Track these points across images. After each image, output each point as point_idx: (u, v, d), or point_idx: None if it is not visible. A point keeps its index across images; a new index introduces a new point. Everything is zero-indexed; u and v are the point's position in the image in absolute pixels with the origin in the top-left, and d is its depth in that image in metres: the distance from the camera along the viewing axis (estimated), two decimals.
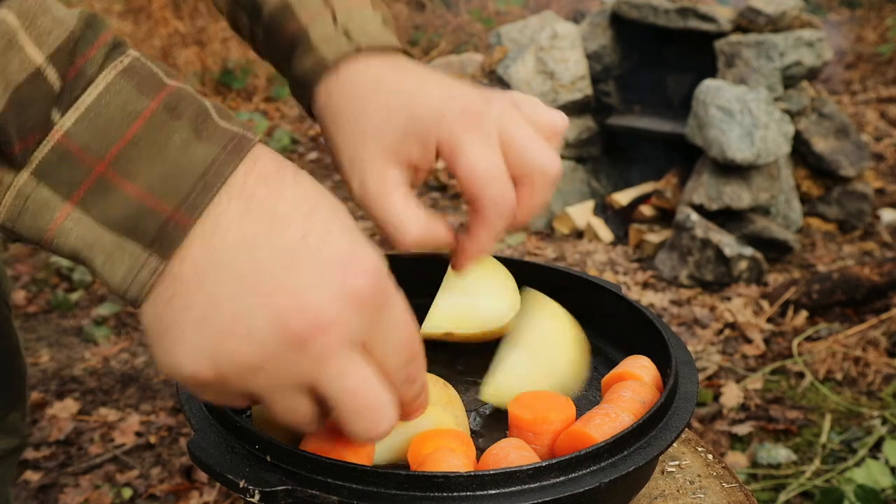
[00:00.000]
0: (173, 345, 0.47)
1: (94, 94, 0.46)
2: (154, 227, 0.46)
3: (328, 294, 0.46)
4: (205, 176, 0.46)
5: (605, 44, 4.00)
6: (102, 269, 0.47)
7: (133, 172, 0.46)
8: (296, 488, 0.54)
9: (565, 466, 0.56)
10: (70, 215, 0.46)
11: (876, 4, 7.57)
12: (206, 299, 0.46)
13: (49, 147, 0.45)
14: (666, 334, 0.73)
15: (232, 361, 0.46)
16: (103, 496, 2.24)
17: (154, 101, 0.47)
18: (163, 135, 0.46)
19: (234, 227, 0.47)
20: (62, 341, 3.04)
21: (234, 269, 0.46)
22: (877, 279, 3.08)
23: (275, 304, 0.46)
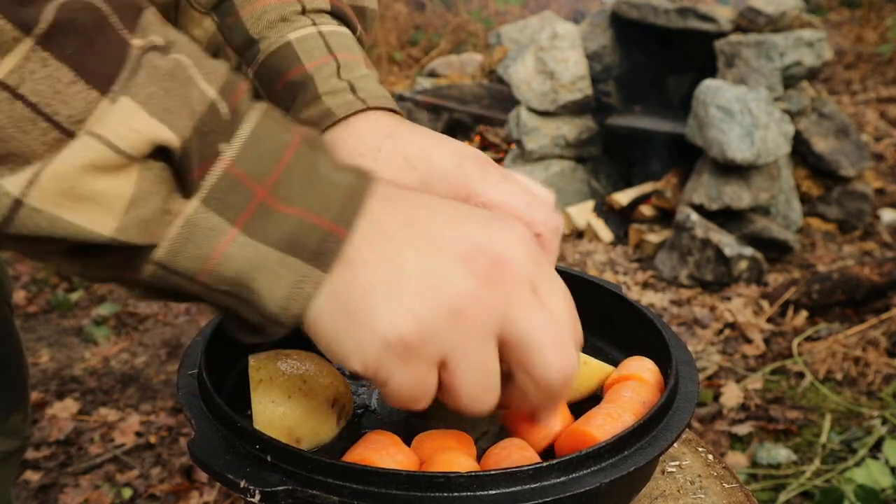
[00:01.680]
0: (371, 319, 0.49)
1: (250, 127, 0.49)
2: (315, 242, 0.49)
3: (500, 236, 0.52)
4: (351, 195, 0.50)
5: (605, 44, 4.00)
6: (264, 289, 0.49)
7: (290, 197, 0.49)
8: (296, 488, 0.54)
9: (566, 466, 0.56)
10: (236, 239, 0.48)
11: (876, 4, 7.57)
12: (388, 273, 0.50)
13: (217, 174, 0.47)
14: (666, 334, 0.73)
15: (434, 311, 0.49)
16: (103, 496, 2.24)
17: (295, 135, 0.50)
18: (309, 163, 0.50)
19: (391, 219, 0.51)
20: (62, 341, 3.04)
21: (406, 242, 0.50)
22: (877, 279, 3.08)
23: (458, 252, 0.51)
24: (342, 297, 0.50)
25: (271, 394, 0.63)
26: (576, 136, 3.99)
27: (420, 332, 0.50)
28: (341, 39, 0.77)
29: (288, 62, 0.75)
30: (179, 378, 0.66)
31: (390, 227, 0.51)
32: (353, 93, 0.73)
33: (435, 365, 0.51)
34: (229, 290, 0.49)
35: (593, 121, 4.03)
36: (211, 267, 0.48)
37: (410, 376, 0.51)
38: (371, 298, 0.49)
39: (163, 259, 0.48)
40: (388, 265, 0.50)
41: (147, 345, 3.01)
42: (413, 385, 0.51)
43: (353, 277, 0.49)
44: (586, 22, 4.11)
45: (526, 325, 0.52)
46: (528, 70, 3.96)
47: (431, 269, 0.50)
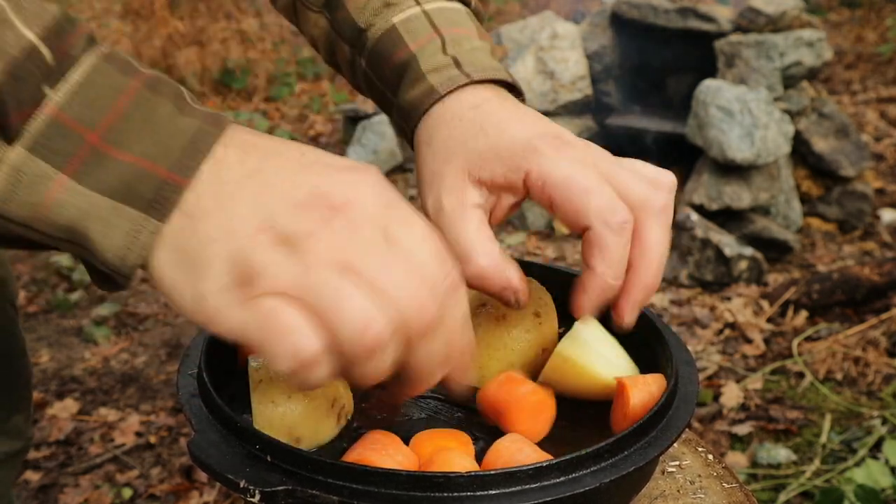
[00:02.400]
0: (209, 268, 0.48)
1: (81, 72, 0.47)
2: (150, 190, 0.47)
3: (343, 180, 0.49)
4: (193, 142, 0.49)
5: (605, 44, 4.00)
6: (99, 239, 0.47)
7: (125, 142, 0.47)
8: (296, 488, 0.54)
9: (566, 466, 0.56)
10: (65, 185, 0.47)
11: (876, 4, 7.57)
12: (225, 221, 0.48)
13: (42, 119, 0.46)
14: (666, 334, 0.73)
15: (268, 249, 0.47)
16: (103, 496, 2.24)
17: (136, 80, 0.49)
18: (149, 109, 0.48)
19: (237, 167, 0.49)
20: (62, 341, 3.04)
21: (245, 191, 0.48)
22: (877, 279, 3.08)
23: (294, 197, 0.48)
24: (184, 248, 0.48)
25: (271, 394, 0.63)
26: None
27: (253, 266, 0.47)
28: (449, 15, 0.74)
29: (393, 45, 0.73)
30: (179, 378, 0.66)
31: (233, 175, 0.49)
32: (457, 67, 0.70)
33: (280, 299, 0.47)
34: (68, 238, 0.48)
35: (593, 121, 4.03)
36: (42, 214, 0.47)
37: (251, 313, 0.47)
38: (210, 248, 0.48)
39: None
40: (226, 213, 0.48)
41: (147, 345, 3.01)
42: (257, 322, 0.47)
43: (194, 228, 0.48)
44: (586, 22, 4.11)
45: (372, 259, 0.48)
46: (528, 70, 3.96)
47: (266, 215, 0.48)
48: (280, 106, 5.83)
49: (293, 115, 5.65)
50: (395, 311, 0.47)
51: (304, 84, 6.26)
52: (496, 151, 0.64)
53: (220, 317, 0.48)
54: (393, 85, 0.74)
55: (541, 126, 0.66)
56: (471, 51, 0.71)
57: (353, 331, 0.46)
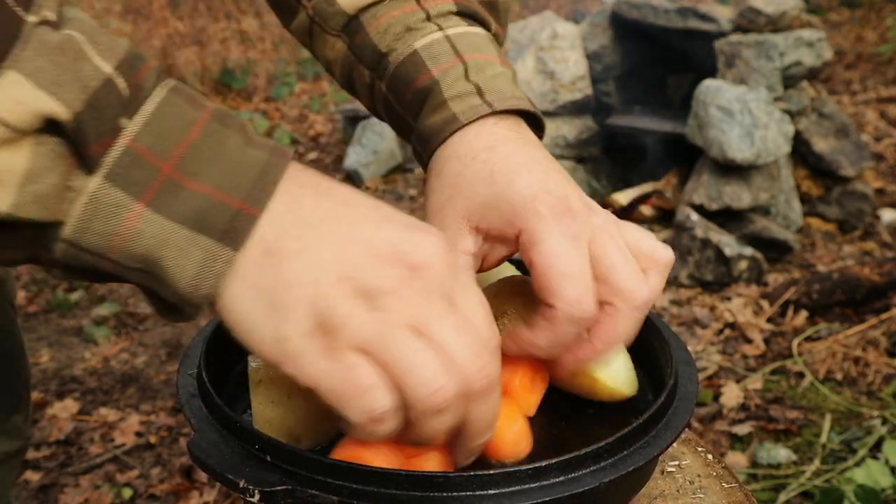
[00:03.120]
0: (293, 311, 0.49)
1: (154, 104, 0.49)
2: (224, 220, 0.48)
3: (419, 242, 0.52)
4: (263, 173, 0.50)
5: (605, 44, 4.00)
6: (173, 267, 0.48)
7: (198, 173, 0.49)
8: (296, 488, 0.54)
9: (565, 466, 0.56)
10: (142, 214, 0.48)
11: (876, 4, 7.57)
12: (310, 266, 0.49)
13: (119, 150, 0.47)
14: (666, 334, 0.73)
15: (350, 299, 0.49)
16: (103, 496, 2.24)
17: (205, 112, 0.50)
18: (218, 140, 0.50)
19: (311, 208, 0.51)
20: (62, 341, 3.04)
21: (328, 236, 0.50)
22: (877, 279, 3.08)
23: (378, 251, 0.51)
24: (265, 287, 0.49)
25: (271, 394, 0.63)
26: (576, 136, 3.99)
27: (336, 317, 0.49)
28: (471, 40, 0.74)
29: (415, 70, 0.72)
30: (179, 378, 0.67)
31: (313, 218, 0.51)
32: (479, 96, 0.69)
33: (360, 352, 0.49)
34: (141, 268, 0.49)
35: (593, 121, 4.03)
36: (119, 244, 0.48)
37: (332, 364, 0.49)
38: (294, 291, 0.49)
39: (71, 236, 0.48)
40: (310, 257, 0.50)
41: (147, 345, 3.01)
42: (337, 375, 0.49)
43: (277, 268, 0.49)
44: (586, 22, 4.11)
45: (444, 325, 0.51)
46: (528, 70, 3.96)
47: (351, 264, 0.50)
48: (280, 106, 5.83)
49: (293, 115, 5.65)
50: (461, 375, 0.51)
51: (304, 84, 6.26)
52: (498, 202, 0.64)
53: (300, 361, 0.50)
54: (414, 110, 0.73)
55: (550, 183, 0.64)
56: (493, 77, 0.71)
57: (424, 393, 0.50)
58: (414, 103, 0.73)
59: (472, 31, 0.75)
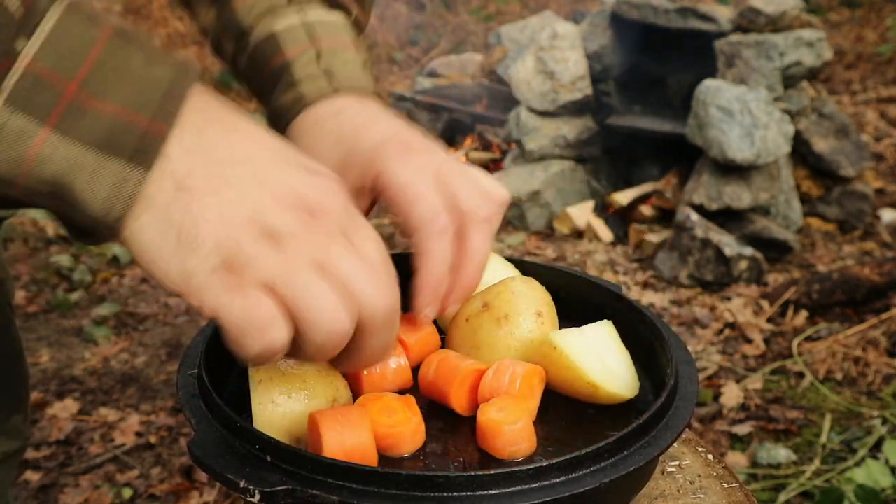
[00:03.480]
0: (199, 247, 0.50)
1: (52, 23, 0.47)
2: (133, 140, 0.48)
3: (317, 185, 0.53)
4: (170, 90, 0.50)
5: (605, 44, 4.00)
6: (85, 191, 0.47)
7: (103, 92, 0.47)
8: (296, 488, 0.54)
9: (565, 466, 0.56)
10: (48, 139, 0.46)
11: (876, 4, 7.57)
12: (219, 204, 0.50)
13: (19, 73, 0.46)
14: (666, 334, 0.73)
15: (257, 239, 0.50)
16: (103, 496, 2.24)
17: (105, 30, 0.49)
18: (122, 57, 0.49)
19: (222, 147, 0.52)
20: (62, 341, 3.04)
21: (237, 175, 0.51)
22: (877, 279, 3.08)
23: (280, 192, 0.52)
24: (174, 221, 0.49)
25: (271, 394, 0.63)
26: (576, 136, 3.99)
27: (242, 255, 0.50)
28: (328, 27, 0.80)
29: (272, 51, 0.78)
30: (179, 378, 0.67)
31: (221, 155, 0.51)
32: (327, 79, 0.76)
33: (263, 289, 0.50)
34: (51, 192, 0.48)
35: (593, 121, 4.03)
36: (27, 169, 0.47)
37: (239, 300, 0.50)
38: (203, 228, 0.50)
39: None
40: (220, 197, 0.50)
41: (147, 345, 3.01)
42: (240, 310, 0.50)
43: (187, 204, 0.49)
44: (586, 22, 4.11)
45: (343, 263, 0.52)
46: (528, 70, 3.96)
47: (258, 207, 0.51)
48: None
49: None
50: (361, 308, 0.53)
51: None
52: (352, 159, 0.69)
53: (203, 295, 0.50)
54: (268, 88, 0.79)
55: (392, 130, 0.71)
56: (343, 63, 0.77)
57: (322, 329, 0.52)
58: (268, 82, 0.79)
59: (331, 18, 0.81)
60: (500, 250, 3.59)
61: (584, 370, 0.69)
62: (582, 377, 0.69)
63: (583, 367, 0.69)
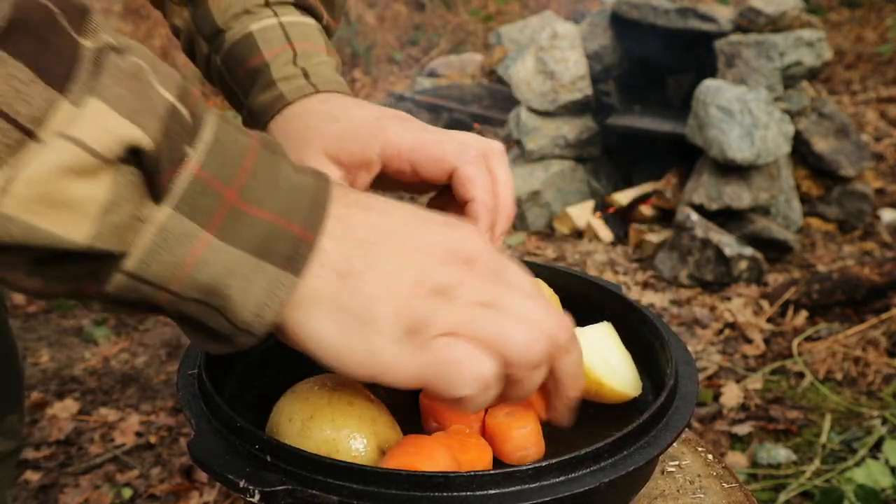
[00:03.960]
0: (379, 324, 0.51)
1: (211, 131, 0.48)
2: (287, 247, 0.49)
3: (463, 237, 0.55)
4: (315, 198, 0.51)
5: (605, 44, 4.00)
6: (239, 295, 0.48)
7: (259, 199, 0.49)
8: (296, 488, 0.54)
9: (565, 466, 0.56)
10: (210, 243, 0.47)
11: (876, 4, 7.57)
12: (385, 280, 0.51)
13: (188, 178, 0.47)
14: (666, 334, 0.73)
15: (427, 297, 0.52)
16: (103, 496, 2.24)
17: (254, 139, 0.51)
18: (272, 166, 0.50)
19: (363, 225, 0.53)
20: (62, 341, 3.04)
21: (389, 249, 0.52)
22: (877, 279, 3.08)
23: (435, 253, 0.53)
24: (347, 308, 0.50)
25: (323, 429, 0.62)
26: (576, 136, 3.99)
27: (419, 316, 0.51)
28: (302, 29, 0.82)
29: (249, 51, 0.80)
30: (179, 378, 0.67)
31: (368, 234, 0.52)
32: (305, 78, 0.78)
33: (450, 337, 0.51)
34: (200, 299, 0.48)
35: (593, 121, 4.03)
36: (184, 273, 0.47)
37: (428, 354, 0.51)
38: (376, 306, 0.51)
39: (134, 268, 0.46)
40: (382, 272, 0.52)
41: (147, 345, 3.01)
42: (436, 360, 0.51)
43: (355, 288, 0.50)
44: (586, 22, 4.11)
45: (512, 299, 0.54)
46: (528, 70, 3.96)
47: (418, 270, 0.52)
48: None
49: None
50: (546, 332, 0.54)
51: None
52: (349, 132, 0.71)
53: (397, 366, 0.51)
54: (245, 88, 0.81)
55: (384, 109, 0.74)
56: (318, 64, 0.79)
57: (522, 349, 0.52)
58: (246, 81, 0.80)
59: (304, 21, 0.83)
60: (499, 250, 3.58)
61: (589, 369, 0.69)
62: (588, 375, 0.69)
63: (588, 365, 0.69)
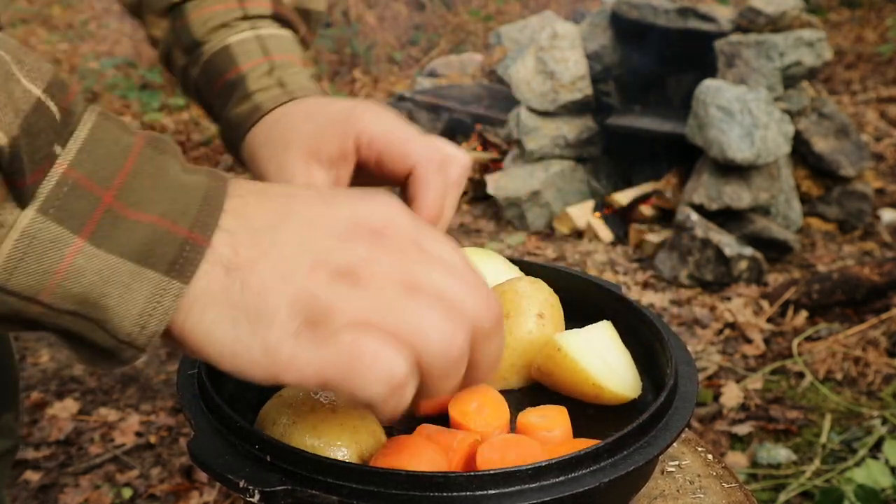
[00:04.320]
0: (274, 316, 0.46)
1: (87, 129, 0.45)
2: (172, 251, 0.45)
3: (372, 206, 0.50)
4: (207, 198, 0.47)
5: (605, 44, 4.00)
6: (117, 306, 0.44)
7: (140, 202, 0.45)
8: (296, 488, 0.54)
9: (565, 466, 0.56)
10: (83, 249, 0.43)
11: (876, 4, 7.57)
12: (276, 266, 0.47)
13: (55, 179, 0.43)
14: (666, 334, 0.73)
15: (330, 282, 0.47)
16: (103, 496, 2.24)
17: (138, 137, 0.47)
18: (157, 166, 0.46)
19: (260, 214, 0.48)
20: None
21: (285, 233, 0.48)
22: (877, 279, 3.08)
23: (337, 228, 0.48)
24: (238, 304, 0.46)
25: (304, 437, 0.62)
26: (576, 136, 3.99)
27: (319, 305, 0.46)
28: (279, 42, 0.83)
29: (226, 64, 0.81)
30: (179, 378, 0.66)
31: (262, 222, 0.48)
32: (281, 87, 0.78)
33: (357, 329, 0.46)
34: (76, 311, 0.45)
35: (593, 121, 4.03)
36: (55, 283, 0.43)
37: (331, 349, 0.46)
38: (269, 297, 0.46)
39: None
40: (275, 257, 0.47)
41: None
42: (341, 356, 0.46)
43: (244, 281, 0.46)
44: (586, 22, 4.11)
45: (432, 276, 0.49)
46: (528, 70, 3.96)
47: (315, 252, 0.47)
48: None
49: None
50: (467, 320, 0.49)
51: None
52: (326, 126, 0.71)
53: (297, 363, 0.46)
54: (222, 99, 0.81)
55: (359, 101, 0.74)
56: (294, 74, 0.80)
57: (439, 349, 0.47)
58: (223, 93, 0.81)
59: (281, 33, 0.84)
60: (500, 250, 3.59)
61: (588, 372, 0.69)
62: (587, 379, 0.69)
63: (588, 368, 0.69)
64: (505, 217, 4.01)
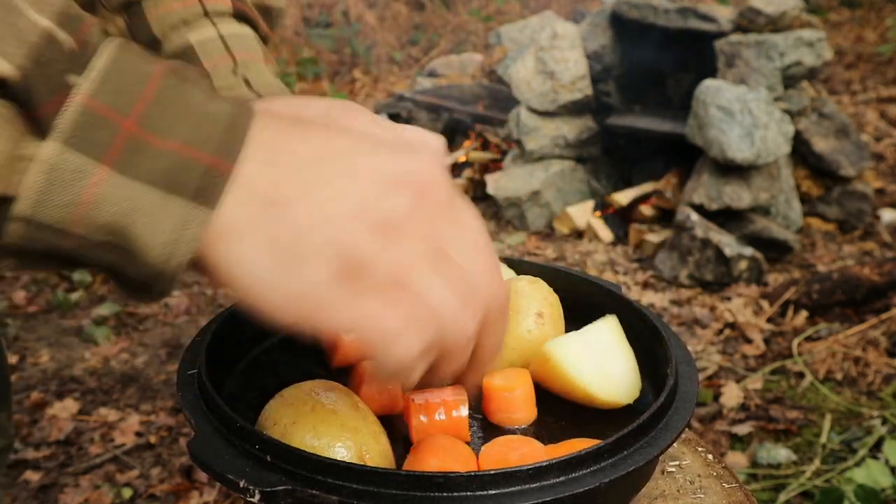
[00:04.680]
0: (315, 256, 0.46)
1: (106, 59, 0.45)
2: (196, 178, 0.45)
3: (419, 163, 0.50)
4: (231, 125, 0.47)
5: (605, 44, 4.00)
6: (145, 234, 0.45)
7: (163, 129, 0.45)
8: (296, 488, 0.54)
9: (565, 466, 0.56)
10: (106, 178, 0.44)
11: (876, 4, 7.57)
12: (320, 207, 0.47)
13: (73, 109, 0.43)
14: (666, 334, 0.73)
15: (374, 233, 0.47)
16: (103, 496, 2.24)
17: (159, 66, 0.47)
18: (179, 94, 0.46)
19: (301, 148, 0.48)
20: (62, 341, 3.04)
21: (327, 173, 0.47)
22: (877, 279, 3.08)
23: (384, 178, 0.48)
24: (273, 239, 0.46)
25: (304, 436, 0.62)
26: (576, 136, 3.99)
27: (358, 255, 0.47)
28: (241, 40, 0.82)
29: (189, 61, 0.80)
30: (179, 378, 0.66)
31: (302, 157, 0.48)
32: (247, 86, 0.78)
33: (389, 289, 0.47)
34: (108, 241, 0.45)
35: (593, 121, 4.03)
36: (82, 213, 0.44)
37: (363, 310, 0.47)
38: (306, 236, 0.46)
39: (26, 212, 0.43)
40: (317, 197, 0.47)
41: (147, 345, 3.01)
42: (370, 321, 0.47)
43: (284, 216, 0.46)
44: (586, 22, 4.11)
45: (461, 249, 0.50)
46: (528, 70, 3.96)
47: (360, 198, 0.47)
48: None
49: None
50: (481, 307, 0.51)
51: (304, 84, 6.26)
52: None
53: (330, 311, 0.47)
54: None
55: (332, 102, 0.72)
56: (258, 73, 0.80)
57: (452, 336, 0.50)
58: None
59: (242, 31, 0.84)
60: (500, 250, 3.59)
61: (578, 381, 0.69)
62: (577, 388, 0.69)
63: (577, 378, 0.69)
64: (505, 217, 4.01)
